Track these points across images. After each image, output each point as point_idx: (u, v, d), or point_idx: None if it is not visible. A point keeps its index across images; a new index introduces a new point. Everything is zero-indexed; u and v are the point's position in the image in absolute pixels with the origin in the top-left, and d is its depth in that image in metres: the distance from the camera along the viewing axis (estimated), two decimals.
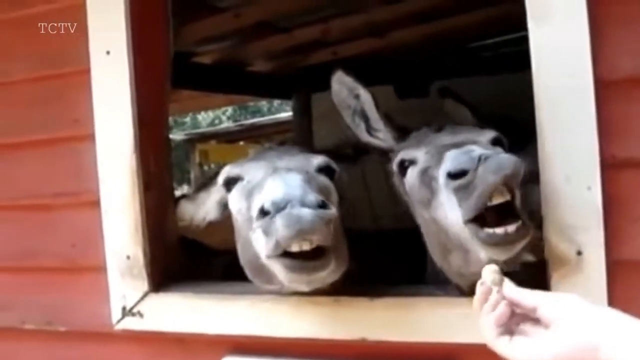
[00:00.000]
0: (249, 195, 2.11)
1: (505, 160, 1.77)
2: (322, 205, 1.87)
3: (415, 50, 5.96)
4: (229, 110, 15.12)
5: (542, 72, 1.99)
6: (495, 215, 1.83)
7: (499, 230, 1.80)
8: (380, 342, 2.16)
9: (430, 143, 2.08)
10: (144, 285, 2.46)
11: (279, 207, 1.85)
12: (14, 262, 2.73)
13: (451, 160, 1.86)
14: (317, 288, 2.08)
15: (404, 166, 2.15)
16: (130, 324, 2.47)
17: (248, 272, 2.21)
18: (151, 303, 2.46)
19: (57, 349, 2.66)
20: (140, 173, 2.46)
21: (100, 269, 2.49)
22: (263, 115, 14.23)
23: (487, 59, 6.57)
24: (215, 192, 2.39)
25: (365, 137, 2.31)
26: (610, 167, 1.94)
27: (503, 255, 1.84)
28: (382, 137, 2.30)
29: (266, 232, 1.89)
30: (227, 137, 10.24)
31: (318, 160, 2.23)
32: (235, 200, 2.21)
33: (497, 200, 1.79)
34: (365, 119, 2.31)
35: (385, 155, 2.30)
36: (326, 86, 2.32)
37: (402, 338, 2.14)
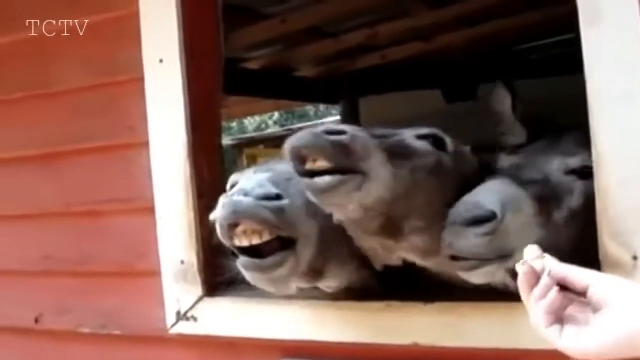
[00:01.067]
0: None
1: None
2: (273, 198, 1.85)
3: (461, 53, 5.95)
4: (276, 115, 15.20)
5: (595, 74, 1.95)
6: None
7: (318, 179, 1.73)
8: (433, 347, 2.14)
9: None
10: (198, 289, 2.48)
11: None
12: (71, 266, 2.78)
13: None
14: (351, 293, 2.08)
15: None
16: (185, 328, 2.49)
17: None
18: (205, 307, 2.48)
19: (112, 353, 2.70)
20: (194, 180, 2.50)
21: (155, 274, 2.51)
22: (310, 120, 14.26)
23: (533, 61, 6.51)
24: None
25: None
26: None
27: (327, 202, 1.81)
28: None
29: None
30: (275, 142, 10.28)
31: None
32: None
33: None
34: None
35: None
36: (374, 90, 2.35)
37: (456, 344, 2.12)
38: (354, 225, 1.93)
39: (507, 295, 2.00)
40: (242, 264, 1.91)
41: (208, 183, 2.57)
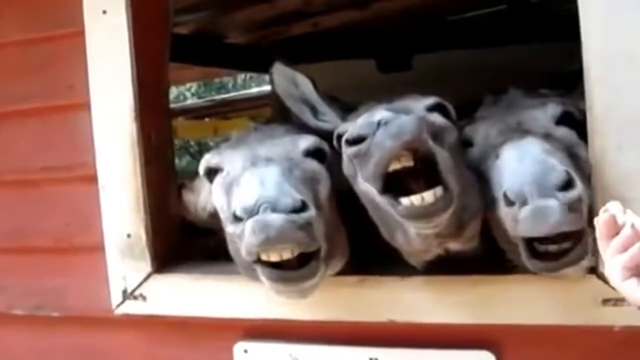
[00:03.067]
0: (228, 190, 1.96)
1: (406, 123, 1.61)
2: (300, 208, 1.73)
3: (396, 22, 5.82)
4: (194, 86, 14.83)
5: (592, 33, 1.84)
6: (417, 182, 1.70)
7: (416, 201, 1.64)
8: (410, 324, 2.02)
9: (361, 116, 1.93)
10: (146, 265, 2.28)
11: (250, 213, 1.71)
12: (2, 241, 2.52)
13: (352, 128, 1.70)
14: None
15: (341, 140, 1.96)
16: (132, 307, 2.29)
17: (239, 269, 2.05)
18: (154, 285, 2.28)
19: (49, 337, 2.47)
20: (141, 145, 2.27)
21: (97, 249, 2.32)
22: (228, 92, 13.95)
23: (466, 32, 6.45)
24: (206, 182, 2.19)
25: (313, 123, 2.15)
26: None
27: (428, 228, 1.72)
28: (329, 119, 2.14)
29: (240, 238, 1.77)
30: (196, 113, 9.98)
31: (306, 142, 2.04)
32: (216, 195, 2.04)
33: (394, 167, 1.63)
34: (309, 104, 2.16)
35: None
36: (307, 59, 2.23)
37: (434, 319, 2.00)
38: (434, 236, 1.80)
39: (483, 267, 1.94)
40: (269, 276, 1.80)
41: (156, 148, 2.35)
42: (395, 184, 1.68)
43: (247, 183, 1.83)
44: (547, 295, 1.89)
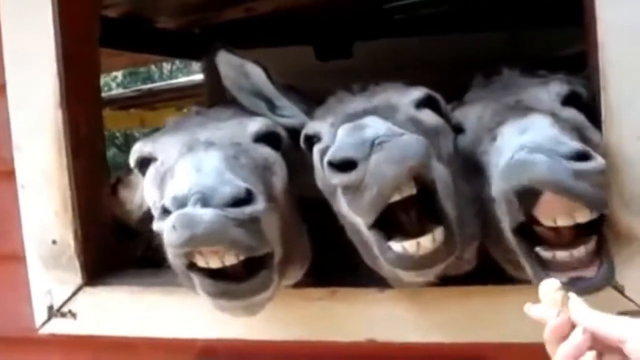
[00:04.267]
0: (161, 182, 1.67)
1: (409, 145, 1.36)
2: (244, 200, 1.43)
3: (336, 8, 5.63)
4: (119, 76, 14.40)
5: (609, 13, 1.63)
6: (408, 214, 1.46)
7: (411, 248, 1.39)
8: (392, 343, 1.79)
9: (338, 111, 1.69)
10: (76, 277, 1.99)
11: (180, 206, 1.41)
12: None
13: (337, 142, 1.44)
14: None
15: (311, 143, 1.73)
16: (60, 326, 2.00)
17: (180, 278, 1.76)
18: (86, 300, 1.99)
19: None
20: (67, 135, 1.97)
21: (17, 258, 2.04)
22: (154, 82, 13.63)
23: (407, 19, 6.36)
24: (138, 175, 1.89)
25: (270, 118, 1.87)
26: None
27: (421, 278, 1.50)
28: (290, 113, 1.89)
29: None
30: (122, 104, 9.60)
31: (256, 125, 1.76)
32: (148, 189, 1.74)
33: (394, 199, 1.37)
34: (264, 97, 1.90)
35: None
36: (240, 45, 2.05)
37: (418, 338, 1.78)
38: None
39: (473, 277, 1.72)
40: (207, 289, 1.49)
41: (84, 139, 2.04)
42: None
43: (181, 171, 1.54)
44: None
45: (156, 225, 1.49)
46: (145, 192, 1.75)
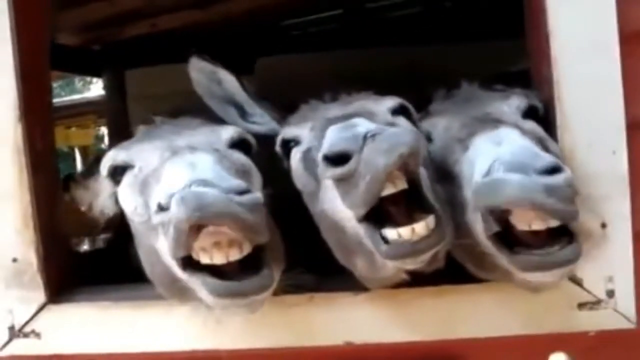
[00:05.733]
0: (144, 187, 1.65)
1: (401, 135, 1.42)
2: (245, 190, 1.44)
3: (237, 25, 5.64)
4: None
5: (562, 27, 1.75)
6: (398, 206, 1.50)
7: (406, 234, 1.45)
8: (369, 345, 1.81)
9: (317, 117, 1.74)
10: (39, 295, 1.92)
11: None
12: None
13: (329, 138, 1.49)
14: None
15: (287, 147, 1.78)
16: (22, 347, 1.92)
17: (159, 288, 1.77)
18: (50, 318, 1.92)
19: None
20: (27, 150, 1.90)
21: None
22: (56, 97, 13.06)
23: (304, 36, 6.44)
24: (105, 182, 1.85)
25: (242, 125, 1.91)
26: (634, 128, 1.74)
27: (413, 265, 1.54)
28: (260, 120, 1.95)
29: (166, 230, 1.45)
30: None
31: (229, 132, 1.79)
32: (127, 196, 1.72)
33: (388, 192, 1.43)
34: (236, 104, 1.95)
35: (270, 140, 1.90)
36: (143, 62, 2.00)
37: (395, 338, 1.81)
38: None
39: (444, 277, 1.76)
40: (212, 288, 1.46)
41: (41, 154, 1.98)
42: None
43: (174, 171, 1.54)
44: (519, 304, 1.76)
45: (156, 219, 1.48)
46: (122, 199, 1.72)
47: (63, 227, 2.03)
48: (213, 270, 1.46)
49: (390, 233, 1.44)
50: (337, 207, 1.53)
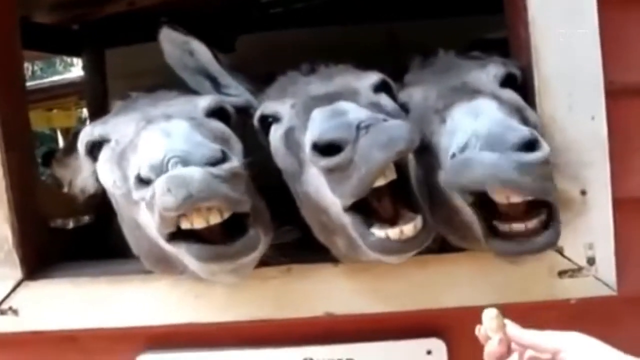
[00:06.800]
0: (121, 159, 1.62)
1: (397, 130, 1.39)
2: (221, 159, 1.43)
3: (217, 3, 5.57)
4: None
5: None
6: (383, 199, 1.50)
7: (394, 235, 1.45)
8: (350, 316, 1.80)
9: (297, 93, 1.71)
10: (15, 272, 1.88)
11: (159, 171, 1.39)
12: None
13: (318, 125, 1.46)
14: None
15: (266, 122, 1.75)
16: (0, 325, 1.87)
17: (145, 263, 1.76)
18: (27, 295, 1.88)
19: None
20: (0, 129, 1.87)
21: None
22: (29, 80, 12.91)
23: (285, 13, 6.39)
24: (84, 160, 1.81)
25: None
26: (613, 93, 1.72)
27: (398, 261, 1.55)
28: (234, 92, 1.91)
29: (150, 206, 1.43)
30: None
31: (206, 101, 1.75)
32: (106, 170, 1.68)
33: (380, 182, 1.42)
34: (209, 75, 1.91)
35: (246, 112, 1.88)
36: (122, 41, 1.98)
37: (375, 309, 1.80)
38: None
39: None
40: (197, 253, 1.46)
41: (15, 132, 1.94)
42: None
43: (149, 139, 1.51)
44: (501, 272, 1.75)
45: (137, 195, 1.45)
46: (101, 174, 1.69)
47: (40, 204, 2.00)
48: (199, 239, 1.45)
49: (378, 232, 1.45)
50: (322, 192, 1.51)
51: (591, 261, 1.74)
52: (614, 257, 1.74)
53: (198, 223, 1.40)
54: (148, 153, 1.45)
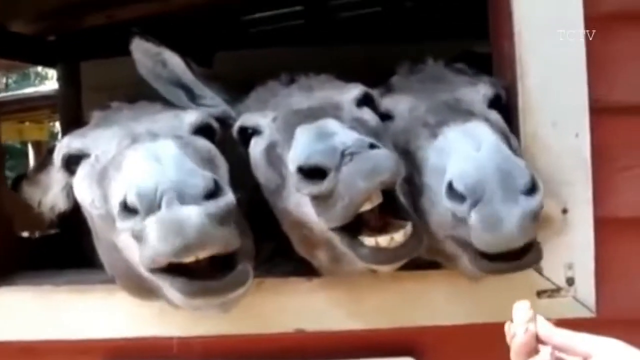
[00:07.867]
0: (102, 178, 1.54)
1: (381, 160, 1.38)
2: (214, 191, 1.36)
3: (195, 18, 5.57)
4: None
5: (525, 6, 1.71)
6: (372, 211, 1.46)
7: (384, 242, 1.42)
8: (322, 333, 1.75)
9: (279, 106, 1.67)
10: None
11: (150, 204, 1.31)
12: None
13: (303, 147, 1.43)
14: None
15: (246, 134, 1.71)
16: None
17: (119, 283, 1.69)
18: None
19: None
20: None
21: None
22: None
23: (265, 31, 6.41)
24: (57, 174, 1.73)
25: (191, 107, 1.83)
26: (597, 111, 1.71)
27: (390, 269, 1.53)
28: (210, 102, 1.86)
29: (137, 238, 1.36)
30: None
31: (192, 117, 1.69)
32: (84, 187, 1.60)
33: (365, 208, 1.40)
34: (183, 86, 1.86)
35: (223, 123, 1.82)
36: (98, 54, 1.95)
37: (348, 326, 1.75)
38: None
39: None
40: (183, 288, 1.39)
41: None
42: None
43: (137, 162, 1.42)
44: (477, 291, 1.71)
45: (122, 224, 1.37)
46: (78, 190, 1.62)
47: (5, 211, 1.93)
48: (181, 270, 1.37)
49: (369, 241, 1.42)
50: (304, 209, 1.49)
51: (570, 281, 1.71)
52: (593, 278, 1.72)
53: (187, 259, 1.33)
54: (135, 179, 1.37)
